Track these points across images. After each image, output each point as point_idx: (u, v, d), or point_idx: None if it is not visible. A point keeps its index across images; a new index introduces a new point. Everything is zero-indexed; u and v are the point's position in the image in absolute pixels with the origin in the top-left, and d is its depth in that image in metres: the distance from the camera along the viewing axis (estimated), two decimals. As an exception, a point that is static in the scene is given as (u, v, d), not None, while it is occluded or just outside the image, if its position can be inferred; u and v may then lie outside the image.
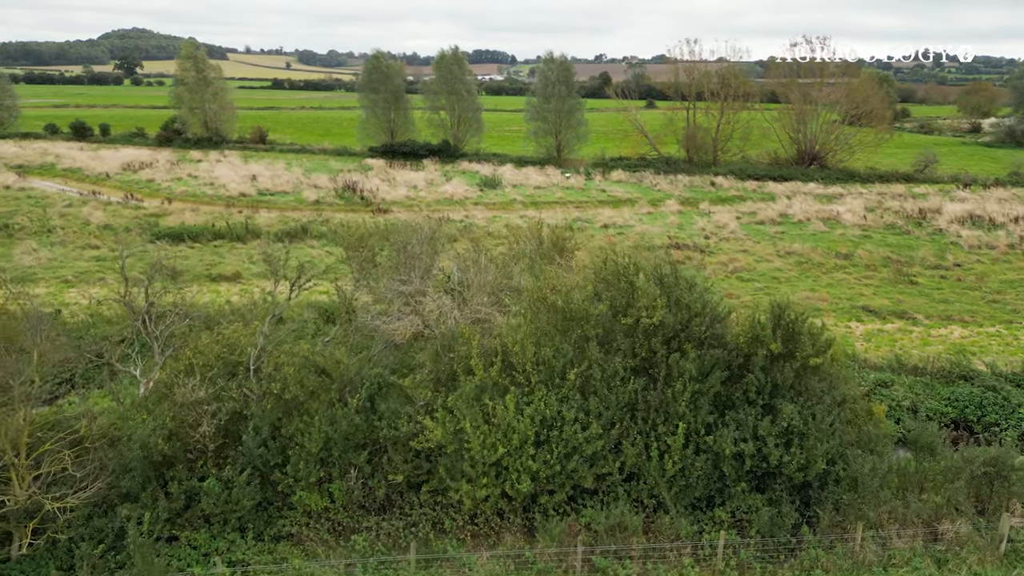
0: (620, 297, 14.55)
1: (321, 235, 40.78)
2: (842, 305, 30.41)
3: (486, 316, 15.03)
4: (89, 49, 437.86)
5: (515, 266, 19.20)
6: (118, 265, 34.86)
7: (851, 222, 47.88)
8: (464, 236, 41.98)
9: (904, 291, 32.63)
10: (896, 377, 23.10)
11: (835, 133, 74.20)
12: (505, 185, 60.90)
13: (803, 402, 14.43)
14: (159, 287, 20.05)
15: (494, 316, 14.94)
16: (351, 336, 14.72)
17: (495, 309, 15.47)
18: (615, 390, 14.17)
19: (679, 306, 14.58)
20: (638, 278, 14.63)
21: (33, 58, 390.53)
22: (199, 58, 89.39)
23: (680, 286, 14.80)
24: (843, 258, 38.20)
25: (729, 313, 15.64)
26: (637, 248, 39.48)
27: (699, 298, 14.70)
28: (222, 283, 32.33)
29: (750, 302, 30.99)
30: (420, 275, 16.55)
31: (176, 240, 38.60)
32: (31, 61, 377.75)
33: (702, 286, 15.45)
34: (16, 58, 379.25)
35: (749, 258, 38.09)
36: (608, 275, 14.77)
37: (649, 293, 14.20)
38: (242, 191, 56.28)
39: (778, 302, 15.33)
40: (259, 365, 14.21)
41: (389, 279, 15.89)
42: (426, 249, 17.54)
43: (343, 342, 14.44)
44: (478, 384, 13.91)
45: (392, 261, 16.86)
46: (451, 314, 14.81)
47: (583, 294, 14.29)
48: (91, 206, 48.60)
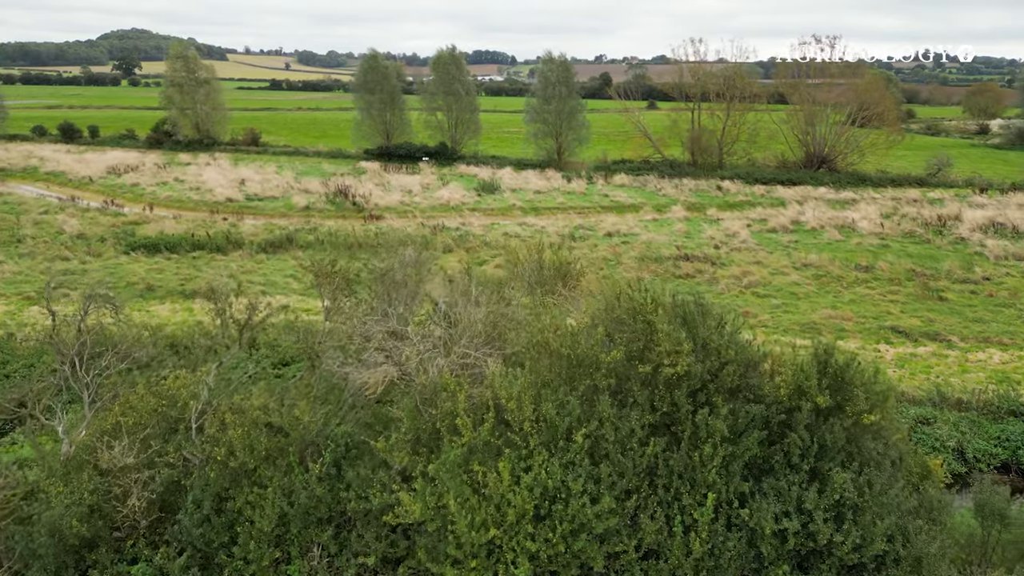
0: (636, 340, 12.16)
1: (307, 245, 38.37)
2: (868, 325, 28.00)
3: (476, 361, 12.62)
4: (88, 50, 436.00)
5: (511, 293, 16.80)
6: (86, 280, 32.61)
7: (868, 230, 45.46)
8: (460, 246, 39.62)
9: (933, 308, 30.23)
10: (938, 412, 20.72)
11: (845, 135, 71.79)
12: (504, 190, 58.51)
13: (857, 467, 12.03)
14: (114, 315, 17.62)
15: (485, 362, 12.53)
16: (315, 386, 12.35)
17: (487, 350, 13.07)
18: (631, 454, 11.76)
19: (707, 351, 12.19)
20: (657, 315, 12.22)
21: (32, 58, 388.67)
22: (190, 58, 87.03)
23: (708, 326, 12.41)
24: (864, 271, 35.79)
25: (764, 357, 13.22)
26: (644, 260, 37.12)
27: (730, 341, 12.29)
28: (197, 300, 29.92)
29: (767, 320, 28.66)
30: (402, 305, 14.17)
31: (152, 251, 36.22)
32: (29, 62, 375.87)
33: (732, 323, 13.03)
34: (15, 59, 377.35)
35: (763, 271, 35.68)
36: (622, 313, 12.36)
37: (672, 336, 11.80)
38: (229, 196, 53.92)
39: (824, 344, 12.90)
40: (203, 423, 11.82)
41: (363, 316, 13.53)
42: (411, 274, 15.15)
43: (305, 394, 12.06)
44: (466, 445, 11.52)
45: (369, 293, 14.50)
46: (434, 361, 12.41)
47: (592, 338, 11.89)
48: (67, 213, 46.22)
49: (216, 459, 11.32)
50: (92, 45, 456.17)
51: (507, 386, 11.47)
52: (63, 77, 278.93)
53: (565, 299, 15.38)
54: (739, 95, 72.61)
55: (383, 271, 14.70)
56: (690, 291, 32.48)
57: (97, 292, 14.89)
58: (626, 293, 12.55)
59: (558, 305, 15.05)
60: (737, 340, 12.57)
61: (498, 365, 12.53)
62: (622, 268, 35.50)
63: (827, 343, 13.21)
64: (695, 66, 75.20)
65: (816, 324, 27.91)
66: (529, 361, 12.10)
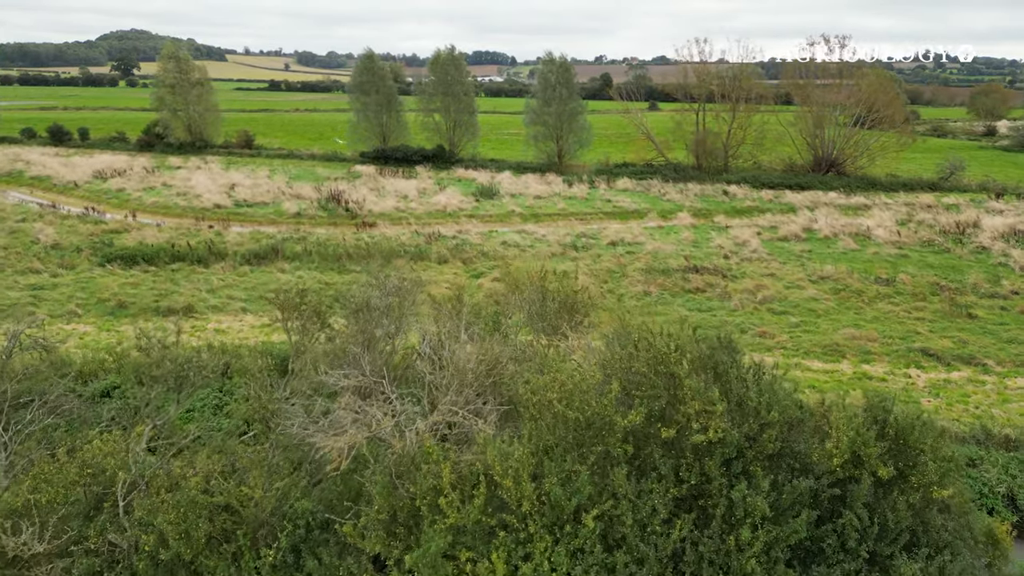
0: (658, 397, 10.10)
1: (294, 256, 36.28)
2: (896, 347, 25.89)
3: (464, 419, 10.53)
4: (87, 50, 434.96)
5: (508, 323, 14.72)
6: (57, 295, 30.53)
7: (884, 238, 43.35)
8: (455, 257, 37.53)
9: (963, 327, 28.13)
10: (984, 452, 18.62)
11: (854, 138, 69.65)
12: (503, 195, 56.40)
13: (925, 552, 9.95)
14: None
15: (475, 422, 10.44)
16: (271, 453, 10.28)
17: (480, 402, 10.99)
18: (652, 537, 9.68)
19: (743, 410, 10.12)
20: (682, 366, 10.12)
21: (31, 59, 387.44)
22: (182, 59, 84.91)
23: (743, 378, 10.34)
24: (885, 284, 33.69)
25: (810, 413, 11.12)
26: (650, 272, 35.03)
27: (772, 398, 10.19)
28: (171, 317, 27.81)
29: (786, 341, 26.57)
30: (381, 344, 12.10)
31: (129, 263, 34.11)
32: (28, 62, 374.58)
33: (771, 374, 10.94)
34: (13, 59, 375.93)
35: (778, 284, 33.58)
36: (641, 366, 10.27)
37: (702, 395, 9.73)
38: (217, 202, 51.82)
39: (879, 398, 10.81)
40: (131, 499, 9.73)
41: (330, 366, 11.45)
42: (393, 306, 13.07)
43: (259, 462, 9.98)
44: (451, 528, 9.45)
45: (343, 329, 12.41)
46: (413, 424, 10.31)
47: (605, 396, 9.80)
48: (46, 221, 44.14)
49: (145, 549, 9.23)
50: (91, 46, 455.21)
51: (501, 458, 9.38)
52: (61, 78, 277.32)
53: (572, 335, 13.30)
54: (745, 96, 70.54)
55: (359, 305, 12.62)
56: (700, 307, 30.48)
57: (23, 326, 12.76)
58: (645, 339, 10.44)
59: (564, 343, 12.97)
60: (779, 394, 10.47)
61: (490, 426, 10.43)
62: (628, 282, 33.40)
63: (883, 396, 11.12)
64: (700, 67, 73.10)
65: (839, 346, 25.83)
66: (528, 424, 10.00)
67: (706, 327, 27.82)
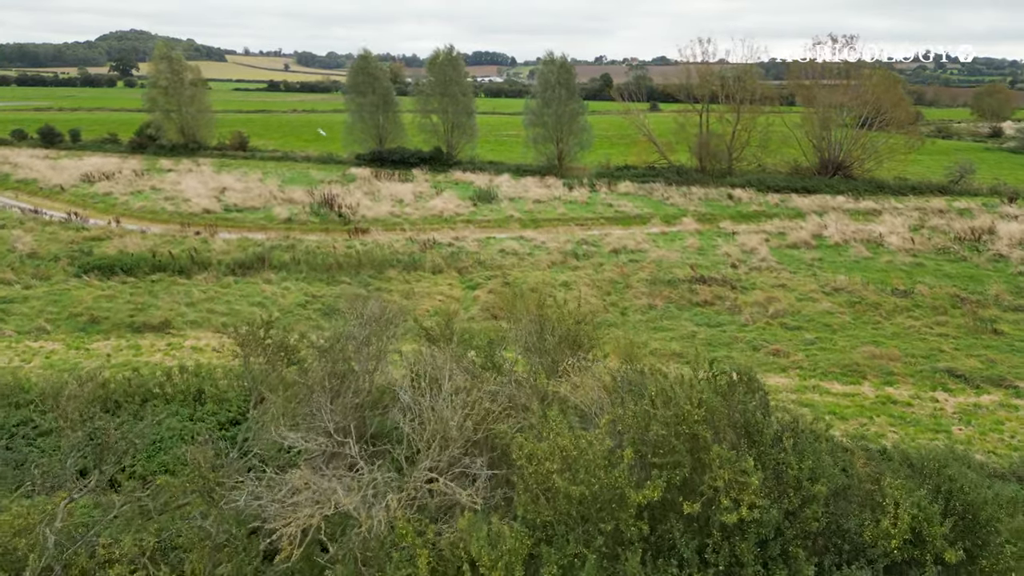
0: (680, 464, 8.43)
1: (282, 266, 34.58)
2: (920, 367, 24.19)
3: (445, 489, 8.85)
4: (86, 51, 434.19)
5: (503, 357, 13.02)
6: (27, 308, 28.85)
7: (897, 246, 41.66)
8: (451, 266, 35.84)
9: (990, 344, 26.44)
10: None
11: (861, 140, 67.98)
12: (501, 199, 54.70)
13: (1001, 654, 8.30)
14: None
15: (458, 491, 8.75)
16: (214, 531, 8.60)
17: (468, 462, 9.32)
18: (673, 637, 8.02)
19: (779, 480, 8.46)
20: (707, 427, 8.45)
21: (30, 60, 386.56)
22: (175, 59, 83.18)
23: (782, 439, 8.67)
24: (902, 295, 32.01)
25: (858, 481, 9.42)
26: (655, 283, 33.34)
27: (815, 464, 8.51)
28: (147, 334, 26.18)
29: (802, 360, 24.87)
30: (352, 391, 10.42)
31: (107, 273, 32.40)
32: (28, 63, 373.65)
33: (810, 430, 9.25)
34: (12, 60, 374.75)
35: (790, 296, 31.89)
36: (659, 427, 8.59)
37: (733, 464, 8.07)
38: (206, 207, 50.13)
39: (936, 459, 9.11)
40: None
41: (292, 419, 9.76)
42: (372, 341, 11.38)
43: (199, 540, 8.31)
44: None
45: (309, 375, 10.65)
46: (385, 497, 8.62)
47: (617, 468, 8.13)
48: (26, 227, 42.45)
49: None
50: (91, 46, 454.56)
51: (488, 549, 7.69)
52: (59, 78, 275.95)
53: (575, 376, 11.62)
54: (749, 97, 68.87)
55: (328, 343, 10.92)
56: (709, 322, 28.71)
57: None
58: (663, 392, 8.74)
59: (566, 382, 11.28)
60: (822, 457, 8.77)
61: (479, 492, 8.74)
62: (632, 294, 31.71)
63: (938, 454, 9.42)
64: (703, 67, 71.40)
65: (859, 365, 24.13)
66: (523, 498, 8.31)
67: (716, 344, 26.17)
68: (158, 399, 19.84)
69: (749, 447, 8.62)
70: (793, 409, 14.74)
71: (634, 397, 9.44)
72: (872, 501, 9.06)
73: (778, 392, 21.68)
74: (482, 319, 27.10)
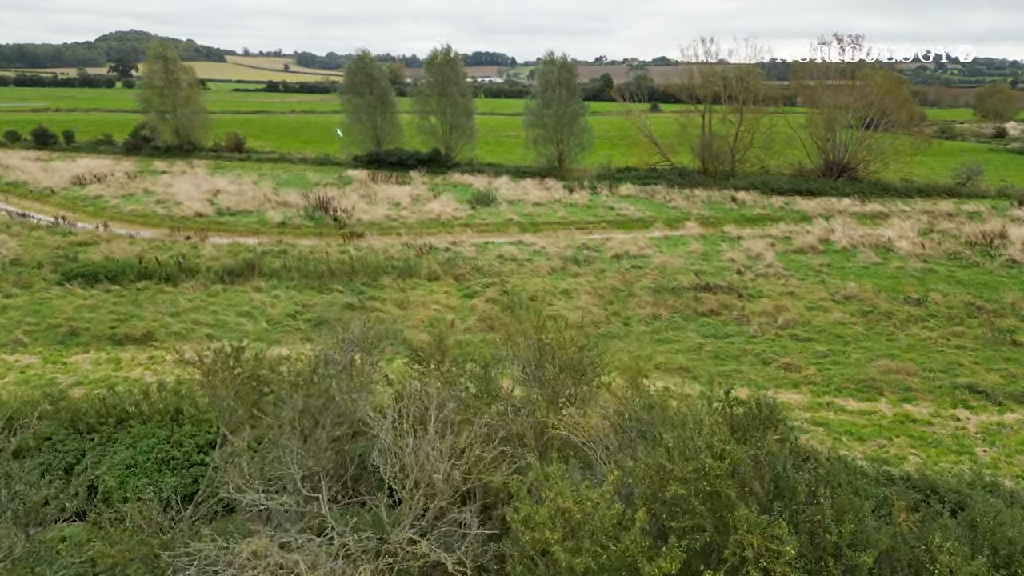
0: (701, 528, 7.31)
1: (272, 273, 33.43)
2: (938, 382, 23.04)
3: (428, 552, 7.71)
4: (86, 51, 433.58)
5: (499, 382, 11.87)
6: (4, 319, 27.69)
7: (907, 251, 40.50)
8: (447, 273, 34.69)
9: (1011, 357, 25.29)
10: (1063, 523, 15.76)
11: (867, 141, 66.82)
12: (500, 202, 53.53)
13: None
14: None
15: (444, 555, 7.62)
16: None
17: (453, 514, 8.17)
18: None
19: (815, 544, 7.34)
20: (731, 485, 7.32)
21: (29, 60, 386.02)
22: (170, 59, 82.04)
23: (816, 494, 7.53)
24: (916, 304, 30.86)
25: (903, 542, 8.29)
26: (659, 291, 32.18)
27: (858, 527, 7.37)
28: (128, 346, 25.03)
29: (814, 375, 23.71)
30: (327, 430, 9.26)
31: (91, 281, 31.25)
32: (27, 63, 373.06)
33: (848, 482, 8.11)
34: (11, 60, 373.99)
35: (799, 304, 30.73)
36: (678, 487, 7.44)
37: (764, 530, 6.94)
38: (199, 211, 49.00)
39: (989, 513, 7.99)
40: None
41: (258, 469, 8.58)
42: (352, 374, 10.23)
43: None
44: None
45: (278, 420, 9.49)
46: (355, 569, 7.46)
47: (628, 535, 7.00)
48: (11, 232, 41.31)
49: None
50: (90, 47, 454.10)
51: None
52: (58, 79, 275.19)
53: (580, 401, 10.50)
54: (752, 98, 67.71)
55: (302, 377, 9.76)
56: (716, 333, 27.52)
57: None
58: (680, 443, 7.59)
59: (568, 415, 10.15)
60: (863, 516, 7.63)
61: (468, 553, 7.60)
62: (635, 303, 30.56)
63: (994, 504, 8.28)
64: (705, 67, 70.24)
65: (875, 381, 22.97)
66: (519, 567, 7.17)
67: (725, 358, 25.02)
68: (134, 419, 18.80)
69: (776, 499, 7.49)
70: (823, 447, 13.59)
71: (645, 443, 8.32)
72: (917, 563, 7.93)
73: (791, 410, 20.56)
74: (479, 330, 25.97)
